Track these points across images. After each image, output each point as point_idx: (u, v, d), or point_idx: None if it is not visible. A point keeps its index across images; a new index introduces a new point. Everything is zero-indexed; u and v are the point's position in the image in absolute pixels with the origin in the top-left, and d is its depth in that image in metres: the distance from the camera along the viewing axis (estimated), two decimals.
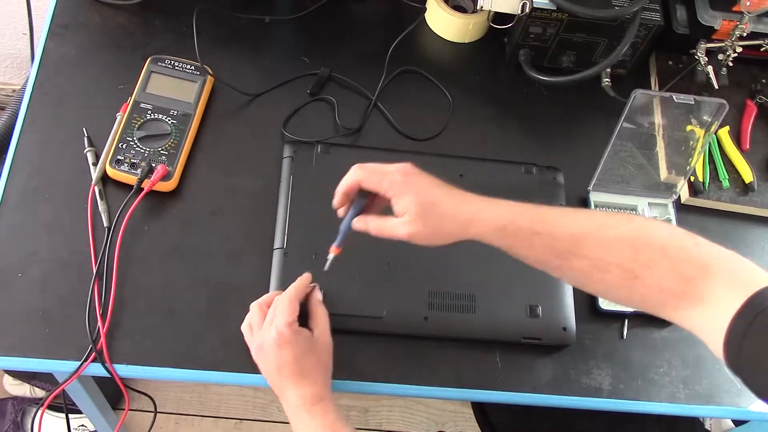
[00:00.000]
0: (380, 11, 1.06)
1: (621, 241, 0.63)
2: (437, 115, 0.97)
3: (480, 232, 0.67)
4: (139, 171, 0.83)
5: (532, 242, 0.65)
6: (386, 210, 0.70)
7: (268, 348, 0.72)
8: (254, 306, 0.76)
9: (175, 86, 0.90)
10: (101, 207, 0.83)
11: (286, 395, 0.72)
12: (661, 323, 0.87)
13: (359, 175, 0.70)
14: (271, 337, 0.71)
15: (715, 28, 0.97)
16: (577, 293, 0.86)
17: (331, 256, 0.75)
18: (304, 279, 0.77)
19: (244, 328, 0.76)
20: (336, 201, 0.72)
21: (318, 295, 0.77)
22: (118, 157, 0.84)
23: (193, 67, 0.92)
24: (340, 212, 0.73)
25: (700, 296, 0.60)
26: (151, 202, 0.85)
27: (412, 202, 0.66)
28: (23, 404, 1.43)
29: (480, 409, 1.38)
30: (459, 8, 1.05)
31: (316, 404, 0.71)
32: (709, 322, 0.60)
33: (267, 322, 0.73)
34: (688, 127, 0.90)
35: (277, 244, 0.83)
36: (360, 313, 0.80)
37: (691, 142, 0.91)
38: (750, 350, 0.55)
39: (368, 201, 0.72)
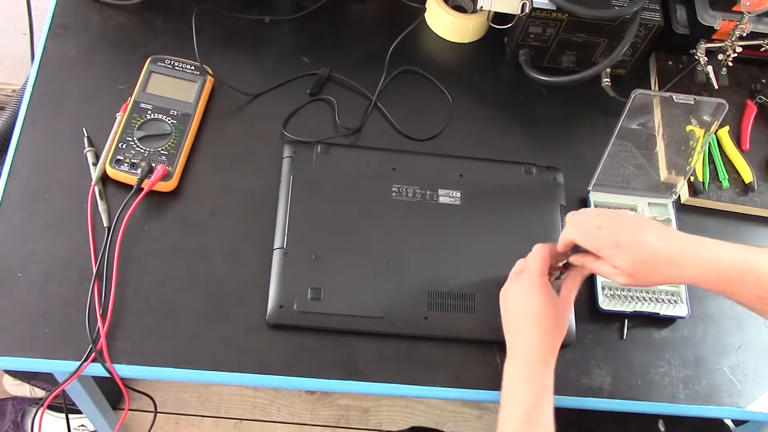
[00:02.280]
0: (380, 11, 1.06)
1: None
2: (437, 115, 0.97)
3: (690, 283, 0.72)
4: (139, 171, 0.83)
5: (740, 289, 0.68)
6: None
7: (516, 292, 0.76)
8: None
9: (175, 86, 0.90)
10: (101, 207, 0.83)
11: (515, 341, 0.74)
12: (661, 323, 0.87)
13: (573, 235, 0.74)
14: (522, 282, 0.75)
15: (715, 28, 0.97)
16: (578, 293, 0.85)
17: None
18: (552, 246, 0.78)
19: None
20: (559, 248, 0.76)
21: (582, 272, 0.78)
22: (118, 157, 0.84)
23: (193, 67, 0.92)
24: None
25: None
26: (151, 202, 0.85)
27: (623, 264, 0.70)
28: (23, 404, 1.43)
29: None
30: (459, 8, 1.05)
31: (540, 364, 0.73)
32: None
33: (517, 272, 0.77)
34: (688, 127, 0.90)
35: (277, 244, 0.83)
36: (360, 313, 0.80)
37: (691, 142, 0.91)
38: None
39: None
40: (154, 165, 0.84)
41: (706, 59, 0.99)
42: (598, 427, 1.19)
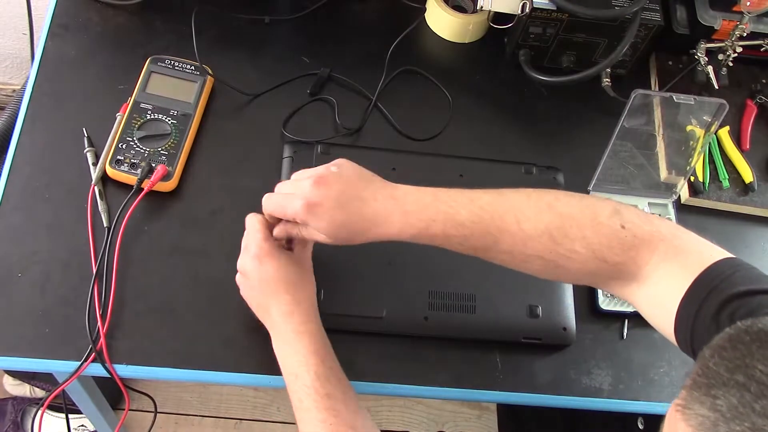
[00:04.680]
0: (380, 11, 1.06)
1: (539, 234, 0.63)
2: (437, 115, 0.97)
3: (394, 238, 0.67)
4: (139, 171, 0.83)
5: (450, 243, 0.66)
6: None
7: (249, 267, 0.71)
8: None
9: (175, 86, 0.90)
10: (101, 207, 0.83)
11: (270, 316, 0.71)
12: None
13: (267, 207, 0.71)
14: (251, 255, 0.71)
15: (715, 28, 0.97)
16: (577, 293, 0.86)
17: None
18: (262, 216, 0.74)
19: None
20: (276, 234, 0.73)
21: (303, 235, 0.73)
22: (118, 157, 0.84)
23: (193, 67, 0.92)
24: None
25: (635, 275, 0.61)
26: (151, 202, 0.85)
27: (320, 227, 0.66)
28: (23, 404, 1.43)
29: (509, 414, 1.40)
30: (459, 8, 1.05)
31: (304, 325, 0.70)
32: (653, 300, 0.60)
33: (243, 250, 0.73)
34: (688, 127, 0.90)
35: None
36: (360, 313, 0.80)
37: (691, 142, 0.91)
38: (703, 332, 0.55)
39: None
40: (154, 165, 0.84)
41: (706, 59, 0.99)
42: (579, 422, 1.20)
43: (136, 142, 0.85)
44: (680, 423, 0.41)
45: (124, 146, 0.85)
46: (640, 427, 1.03)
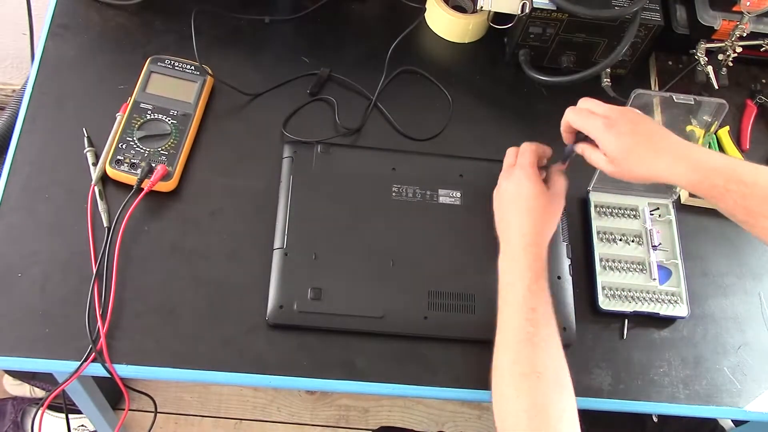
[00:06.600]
0: (380, 11, 1.06)
1: None
2: (437, 115, 0.97)
3: (672, 182, 0.73)
4: (139, 171, 0.83)
5: (724, 198, 0.69)
6: None
7: (508, 184, 0.80)
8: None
9: (175, 86, 0.90)
10: (101, 207, 0.83)
11: (508, 229, 0.78)
12: (661, 323, 0.87)
13: (568, 116, 0.78)
14: (514, 174, 0.79)
15: (715, 28, 0.97)
16: (577, 293, 0.86)
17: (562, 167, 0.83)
18: (540, 145, 0.83)
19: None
20: (564, 137, 0.81)
21: (561, 167, 0.83)
22: (118, 157, 0.84)
23: (193, 67, 0.92)
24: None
25: None
26: (151, 202, 0.85)
27: (611, 147, 0.73)
28: (23, 404, 1.43)
29: None
30: (459, 8, 1.05)
31: (532, 246, 0.75)
32: None
33: (507, 167, 0.82)
34: (688, 127, 0.90)
35: (277, 244, 0.83)
36: (360, 313, 0.80)
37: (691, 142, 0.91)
38: None
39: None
40: (154, 165, 0.84)
41: (706, 59, 0.99)
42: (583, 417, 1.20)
43: (136, 142, 0.85)
44: None
45: (124, 146, 0.85)
46: (654, 420, 1.03)
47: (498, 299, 0.75)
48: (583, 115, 0.76)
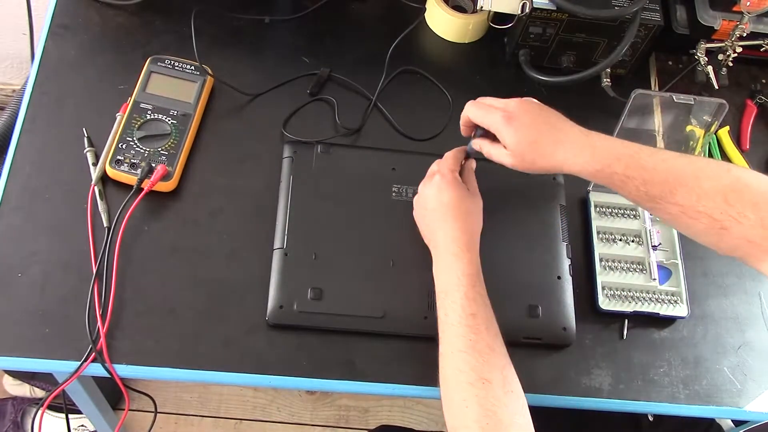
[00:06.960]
0: (380, 11, 1.06)
1: (715, 192, 0.65)
2: (437, 115, 0.97)
3: (574, 172, 0.72)
4: (139, 171, 0.83)
5: (626, 185, 0.69)
6: None
7: (429, 191, 0.79)
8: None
9: (175, 86, 0.90)
10: (101, 207, 0.83)
11: (436, 238, 0.77)
12: (661, 323, 0.87)
13: (468, 111, 0.78)
14: (434, 181, 0.79)
15: (715, 28, 0.97)
16: (577, 293, 0.86)
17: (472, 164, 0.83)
18: (461, 148, 0.83)
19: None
20: (462, 131, 0.81)
21: (472, 165, 0.83)
22: (118, 157, 0.84)
23: (192, 67, 0.92)
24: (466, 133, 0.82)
25: None
26: (151, 202, 0.85)
27: (511, 140, 0.73)
28: (23, 404, 1.43)
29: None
30: (459, 8, 1.05)
31: (463, 252, 0.75)
32: None
33: (429, 175, 0.81)
34: (688, 127, 0.90)
35: (277, 244, 0.83)
36: (360, 313, 0.80)
37: (691, 142, 0.91)
38: None
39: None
40: (154, 165, 0.84)
41: (706, 59, 0.99)
42: (582, 417, 1.20)
43: (136, 142, 0.85)
44: None
45: (124, 146, 0.85)
46: (650, 419, 1.03)
47: (437, 308, 0.74)
48: (483, 109, 0.76)
